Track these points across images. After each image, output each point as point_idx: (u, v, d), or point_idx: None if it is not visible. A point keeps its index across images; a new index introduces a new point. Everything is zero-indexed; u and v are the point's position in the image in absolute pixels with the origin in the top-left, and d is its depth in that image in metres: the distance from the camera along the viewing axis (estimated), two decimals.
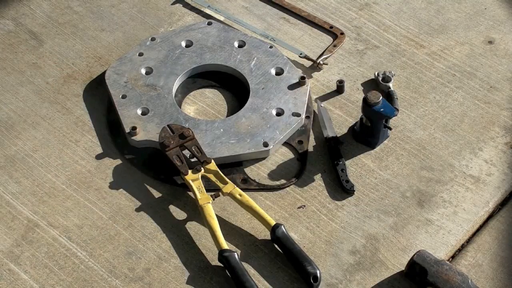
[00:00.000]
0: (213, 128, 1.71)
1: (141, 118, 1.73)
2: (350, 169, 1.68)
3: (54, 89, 1.84)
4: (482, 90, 1.82)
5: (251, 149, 1.68)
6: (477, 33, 1.94)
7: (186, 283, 1.53)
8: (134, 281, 1.53)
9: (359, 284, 1.52)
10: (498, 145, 1.72)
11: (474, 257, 1.56)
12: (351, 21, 1.97)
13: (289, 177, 1.68)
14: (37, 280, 1.53)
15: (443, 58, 1.89)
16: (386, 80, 1.81)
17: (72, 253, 1.57)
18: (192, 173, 1.61)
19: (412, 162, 1.70)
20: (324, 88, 1.83)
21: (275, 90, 1.78)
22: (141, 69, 1.82)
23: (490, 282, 1.52)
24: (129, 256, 1.57)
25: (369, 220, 1.61)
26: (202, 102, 1.81)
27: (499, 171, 1.68)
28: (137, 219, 1.62)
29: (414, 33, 1.94)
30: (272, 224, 1.54)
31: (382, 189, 1.66)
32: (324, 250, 1.57)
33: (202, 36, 1.88)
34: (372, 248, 1.57)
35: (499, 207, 1.64)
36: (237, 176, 1.67)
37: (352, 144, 1.73)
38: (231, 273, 1.50)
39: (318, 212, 1.62)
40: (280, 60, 1.83)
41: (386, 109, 1.65)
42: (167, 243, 1.58)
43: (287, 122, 1.72)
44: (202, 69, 1.84)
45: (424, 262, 1.48)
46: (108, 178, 1.68)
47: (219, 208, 1.62)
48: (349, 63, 1.88)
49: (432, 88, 1.83)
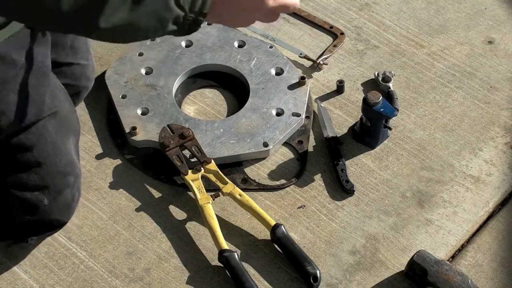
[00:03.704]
0: (213, 128, 1.71)
1: (141, 118, 1.73)
2: (350, 169, 1.68)
3: None
4: (482, 90, 1.82)
5: (251, 149, 1.68)
6: (477, 33, 1.94)
7: (186, 283, 1.53)
8: (134, 281, 1.53)
9: (359, 284, 1.52)
10: (498, 145, 1.72)
11: (474, 257, 1.56)
12: (351, 21, 1.97)
13: (289, 177, 1.68)
14: (37, 280, 1.53)
15: (443, 58, 1.89)
16: (386, 80, 1.81)
17: (72, 253, 1.57)
18: (192, 173, 1.61)
19: (412, 162, 1.70)
20: (324, 88, 1.83)
21: (275, 90, 1.78)
22: (141, 69, 1.82)
23: (490, 282, 1.52)
24: (129, 256, 1.57)
25: (369, 220, 1.61)
26: (202, 102, 1.81)
27: (499, 171, 1.68)
28: (137, 219, 1.62)
29: (414, 33, 1.94)
30: (272, 224, 1.54)
31: (382, 189, 1.66)
32: (324, 250, 1.57)
33: (202, 36, 1.88)
34: (372, 248, 1.57)
35: (499, 207, 1.64)
36: (237, 176, 1.67)
37: (352, 144, 1.73)
38: (231, 273, 1.50)
39: (318, 212, 1.62)
40: (280, 60, 1.83)
41: (386, 109, 1.65)
42: (167, 243, 1.58)
43: (287, 122, 1.72)
44: (202, 69, 1.84)
45: (424, 262, 1.48)
46: (108, 178, 1.68)
47: (219, 208, 1.62)
48: (349, 63, 1.88)
49: (432, 88, 1.83)
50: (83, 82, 1.69)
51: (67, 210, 1.53)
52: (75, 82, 1.65)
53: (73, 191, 1.53)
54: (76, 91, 1.67)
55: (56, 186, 1.49)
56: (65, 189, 1.51)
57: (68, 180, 1.51)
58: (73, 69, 1.65)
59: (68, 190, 1.51)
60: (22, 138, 1.44)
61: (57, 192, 1.49)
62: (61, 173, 1.50)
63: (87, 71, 1.70)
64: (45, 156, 1.47)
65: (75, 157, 1.55)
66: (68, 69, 1.64)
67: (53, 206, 1.49)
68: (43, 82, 1.46)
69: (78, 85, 1.67)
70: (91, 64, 1.72)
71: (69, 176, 1.52)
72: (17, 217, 1.48)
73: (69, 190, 1.52)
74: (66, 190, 1.51)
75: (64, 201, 1.51)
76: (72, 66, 1.65)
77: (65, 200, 1.51)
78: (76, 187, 1.54)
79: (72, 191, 1.53)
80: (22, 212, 1.48)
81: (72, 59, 1.65)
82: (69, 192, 1.52)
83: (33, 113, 1.44)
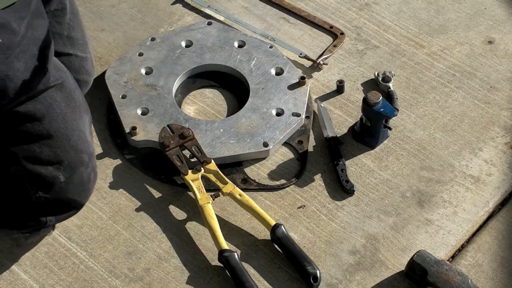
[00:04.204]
0: (213, 128, 1.71)
1: (141, 118, 1.73)
2: (350, 169, 1.68)
3: None
4: (482, 90, 1.82)
5: (251, 149, 1.68)
6: (477, 33, 1.94)
7: (186, 283, 1.53)
8: (134, 281, 1.53)
9: (359, 284, 1.52)
10: (498, 145, 1.72)
11: (474, 257, 1.56)
12: (351, 21, 1.97)
13: (289, 177, 1.68)
14: (37, 280, 1.53)
15: (443, 58, 1.89)
16: (386, 80, 1.81)
17: (72, 253, 1.57)
18: (192, 173, 1.61)
19: (412, 162, 1.70)
20: (324, 88, 1.83)
21: (275, 90, 1.78)
22: (141, 69, 1.82)
23: (490, 282, 1.52)
24: (129, 256, 1.57)
25: (369, 220, 1.61)
26: (202, 102, 1.81)
27: (499, 171, 1.68)
28: (137, 219, 1.62)
29: (414, 33, 1.94)
30: (272, 224, 1.54)
31: (382, 189, 1.66)
32: (324, 250, 1.57)
33: (202, 36, 1.88)
34: (372, 248, 1.57)
35: (499, 207, 1.64)
36: (237, 176, 1.67)
37: (352, 144, 1.73)
38: (231, 273, 1.50)
39: (318, 212, 1.62)
40: (280, 60, 1.83)
41: (386, 109, 1.65)
42: (167, 243, 1.58)
43: (287, 122, 1.72)
44: (202, 69, 1.84)
45: (424, 262, 1.48)
46: (108, 178, 1.68)
47: (219, 208, 1.62)
48: (349, 63, 1.88)
49: (432, 88, 1.83)
50: (82, 76, 1.69)
51: (84, 190, 1.53)
52: (74, 75, 1.65)
53: (88, 170, 1.53)
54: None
55: (70, 162, 1.49)
56: (79, 167, 1.50)
57: (82, 157, 1.51)
58: (71, 60, 1.66)
59: (83, 168, 1.51)
60: (30, 107, 1.44)
61: (71, 168, 1.49)
62: (74, 148, 1.49)
63: (86, 64, 1.70)
64: (56, 128, 1.47)
65: (88, 135, 1.56)
66: (66, 60, 1.64)
67: (69, 184, 1.49)
68: (46, 53, 1.46)
69: (77, 78, 1.66)
70: (90, 58, 1.72)
71: (82, 153, 1.51)
72: (32, 194, 1.48)
73: (84, 169, 1.52)
74: (81, 168, 1.51)
75: (80, 180, 1.51)
76: (71, 57, 1.66)
77: (80, 179, 1.51)
78: (91, 166, 1.54)
79: (87, 170, 1.52)
80: (37, 188, 1.47)
81: (70, 49, 1.66)
82: (84, 171, 1.52)
83: (39, 81, 1.44)
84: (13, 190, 1.49)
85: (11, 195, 1.49)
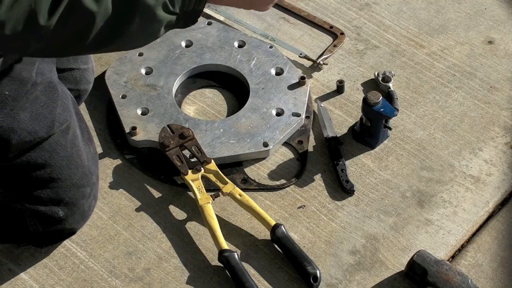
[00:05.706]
0: (213, 128, 1.71)
1: (141, 118, 1.73)
2: (350, 169, 1.68)
3: None
4: (482, 90, 1.82)
5: (251, 149, 1.68)
6: (477, 33, 1.94)
7: (186, 283, 1.53)
8: (134, 281, 1.53)
9: (359, 284, 1.52)
10: (498, 145, 1.72)
11: (474, 257, 1.56)
12: (351, 21, 1.97)
13: (289, 177, 1.68)
14: (37, 280, 1.53)
15: (443, 58, 1.89)
16: (386, 80, 1.81)
17: (72, 253, 1.57)
18: (192, 173, 1.61)
19: (412, 162, 1.70)
20: (324, 88, 1.83)
21: (275, 90, 1.78)
22: (141, 69, 1.82)
23: (490, 282, 1.52)
24: (129, 256, 1.57)
25: (369, 220, 1.61)
26: (202, 102, 1.81)
27: (499, 171, 1.68)
28: (137, 219, 1.62)
29: (414, 33, 1.94)
30: (272, 224, 1.54)
31: (382, 189, 1.66)
32: (324, 250, 1.57)
33: (202, 36, 1.88)
34: (372, 248, 1.57)
35: (499, 207, 1.64)
36: (237, 176, 1.67)
37: (352, 144, 1.73)
38: (231, 273, 1.50)
39: (318, 212, 1.62)
40: (280, 60, 1.83)
41: (386, 109, 1.65)
42: (167, 243, 1.58)
43: (287, 122, 1.72)
44: (202, 69, 1.84)
45: (424, 262, 1.48)
46: (108, 178, 1.68)
47: (219, 208, 1.62)
48: (349, 63, 1.88)
49: (432, 88, 1.83)
50: (83, 86, 1.69)
51: (83, 218, 1.53)
52: (75, 86, 1.65)
53: (89, 200, 1.53)
54: (77, 94, 1.67)
55: (71, 198, 1.48)
56: (80, 200, 1.50)
57: (84, 191, 1.50)
58: (74, 74, 1.65)
59: (83, 201, 1.51)
60: (33, 156, 1.42)
61: (72, 204, 1.48)
62: (76, 185, 1.48)
63: (87, 74, 1.70)
64: (59, 171, 1.45)
65: (92, 166, 1.53)
66: (69, 74, 1.64)
67: (68, 217, 1.49)
68: (53, 97, 1.45)
69: (78, 89, 1.67)
70: (91, 67, 1.72)
71: (84, 188, 1.50)
72: (31, 227, 1.48)
73: (85, 201, 1.51)
74: (82, 201, 1.50)
75: (80, 212, 1.51)
76: (73, 71, 1.65)
77: (81, 211, 1.51)
78: (92, 196, 1.53)
79: (88, 201, 1.52)
80: (37, 223, 1.48)
81: (73, 64, 1.65)
82: (85, 203, 1.51)
83: (44, 129, 1.43)
84: (11, 219, 1.49)
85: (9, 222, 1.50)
